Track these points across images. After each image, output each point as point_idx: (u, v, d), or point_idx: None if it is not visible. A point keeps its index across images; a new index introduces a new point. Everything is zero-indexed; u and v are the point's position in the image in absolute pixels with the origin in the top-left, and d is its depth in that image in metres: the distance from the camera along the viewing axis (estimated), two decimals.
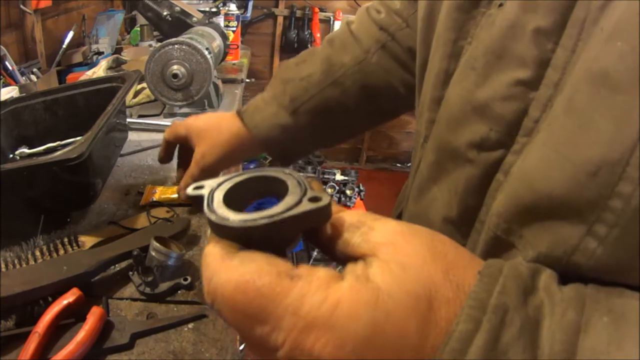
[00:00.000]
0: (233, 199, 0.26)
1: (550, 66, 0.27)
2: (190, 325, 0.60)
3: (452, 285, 0.21)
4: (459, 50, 0.34)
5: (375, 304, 0.20)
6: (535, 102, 0.28)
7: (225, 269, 0.22)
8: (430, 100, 0.38)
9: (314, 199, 0.24)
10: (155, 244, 0.63)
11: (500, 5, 0.30)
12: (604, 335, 0.19)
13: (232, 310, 0.22)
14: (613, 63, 0.22)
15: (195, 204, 0.27)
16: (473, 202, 0.33)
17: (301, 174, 0.26)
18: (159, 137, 1.15)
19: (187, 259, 0.71)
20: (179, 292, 0.66)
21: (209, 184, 0.27)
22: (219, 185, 0.27)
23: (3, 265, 0.62)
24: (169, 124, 1.18)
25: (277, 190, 0.27)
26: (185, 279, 0.65)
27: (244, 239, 0.24)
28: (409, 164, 3.12)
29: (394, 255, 0.22)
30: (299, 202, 0.24)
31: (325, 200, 0.23)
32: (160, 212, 0.81)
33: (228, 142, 0.61)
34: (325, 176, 2.95)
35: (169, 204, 0.84)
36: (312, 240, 0.26)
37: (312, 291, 0.21)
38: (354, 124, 0.59)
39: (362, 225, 0.24)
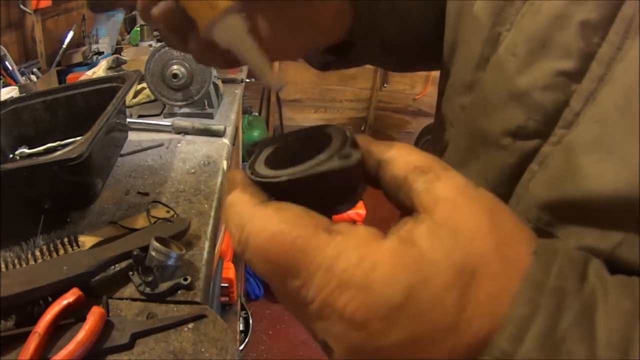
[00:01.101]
0: (282, 156, 0.26)
1: (595, 60, 0.27)
2: (190, 325, 0.60)
3: (503, 259, 0.20)
4: (496, 36, 0.34)
5: (415, 270, 0.19)
6: (577, 95, 0.28)
7: (260, 217, 0.21)
8: (461, 84, 0.37)
9: (344, 156, 0.22)
10: (155, 244, 0.63)
11: None
12: None
13: (263, 261, 0.21)
14: None
15: (249, 156, 0.28)
16: (503, 190, 0.32)
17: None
18: (159, 137, 1.15)
19: (187, 259, 0.71)
20: (179, 292, 0.66)
21: (262, 142, 0.27)
22: (271, 143, 0.27)
23: (3, 265, 0.62)
24: (169, 124, 1.18)
25: (325, 146, 0.27)
26: (185, 279, 0.65)
27: (274, 194, 0.23)
28: None
29: (450, 217, 0.20)
30: (329, 158, 0.22)
31: (352, 159, 0.22)
32: (160, 212, 0.81)
33: None
34: None
35: None
36: (373, 183, 0.25)
37: (349, 249, 0.20)
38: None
39: (429, 171, 0.22)
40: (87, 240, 0.70)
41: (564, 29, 0.28)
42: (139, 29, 1.87)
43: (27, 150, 0.97)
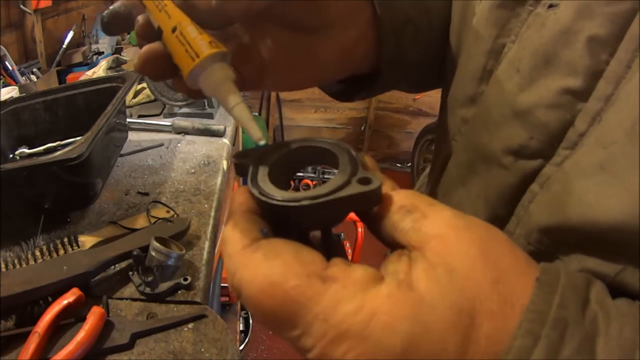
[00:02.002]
0: (280, 169, 0.25)
1: (602, 78, 0.26)
2: (190, 325, 0.60)
3: (500, 297, 0.20)
4: (500, 48, 0.32)
5: (415, 318, 0.19)
6: (582, 114, 0.27)
7: (248, 265, 0.21)
8: (463, 97, 0.36)
9: (364, 181, 0.22)
10: (155, 244, 0.63)
11: (550, 6, 0.29)
12: None
13: (258, 312, 0.21)
14: None
15: (239, 172, 0.26)
16: (503, 210, 0.32)
17: (301, 173, 0.25)
18: (159, 137, 1.15)
19: (187, 259, 0.71)
20: (179, 292, 0.66)
21: (254, 152, 0.26)
22: (266, 155, 0.26)
23: (3, 265, 0.62)
24: (169, 124, 1.18)
25: (327, 163, 0.26)
26: (185, 279, 0.65)
27: (284, 217, 0.23)
28: (409, 164, 3.13)
29: (442, 255, 0.20)
30: (348, 182, 0.22)
31: (375, 184, 0.22)
32: (160, 212, 0.81)
33: None
34: (326, 176, 2.95)
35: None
36: (359, 214, 0.25)
37: (346, 297, 0.19)
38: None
39: (415, 210, 0.22)
40: (87, 240, 0.70)
41: (570, 44, 0.27)
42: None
43: (27, 150, 0.97)
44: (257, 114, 3.20)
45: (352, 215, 0.26)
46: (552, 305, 0.19)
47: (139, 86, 1.36)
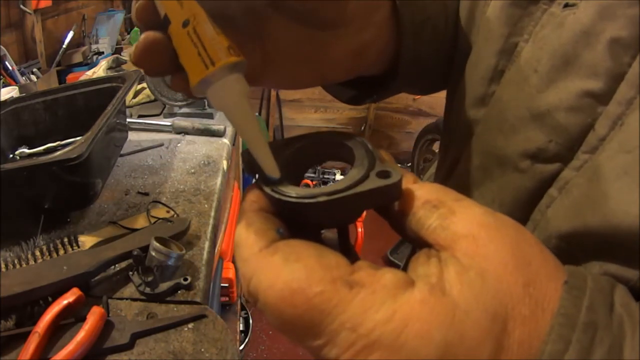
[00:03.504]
0: (293, 166, 0.24)
1: (624, 81, 0.25)
2: (190, 325, 0.60)
3: (531, 301, 0.19)
4: (512, 47, 0.32)
5: (451, 325, 0.18)
6: (603, 118, 0.26)
7: (267, 269, 0.19)
8: (473, 97, 0.35)
9: (382, 174, 0.21)
10: (155, 244, 0.63)
11: (567, 5, 0.28)
12: None
13: (277, 320, 0.19)
14: None
15: (249, 169, 0.24)
16: (519, 215, 0.31)
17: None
18: (159, 137, 1.15)
19: (187, 259, 0.71)
20: (179, 292, 0.66)
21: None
22: (278, 151, 0.24)
23: (3, 265, 0.62)
24: (169, 124, 1.18)
25: (342, 157, 0.24)
26: (185, 279, 0.65)
27: (299, 215, 0.21)
28: (409, 164, 3.12)
29: (474, 256, 0.19)
30: (366, 176, 0.21)
31: (395, 177, 0.20)
32: (160, 212, 0.81)
33: None
34: (325, 176, 2.95)
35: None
36: (379, 211, 0.23)
37: (376, 305, 0.18)
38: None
39: (441, 206, 0.21)
40: (87, 240, 0.70)
41: (591, 46, 0.26)
42: (139, 29, 1.87)
43: (27, 150, 0.97)
44: (257, 113, 3.20)
45: None
46: (581, 309, 0.19)
47: (139, 86, 1.36)
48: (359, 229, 2.07)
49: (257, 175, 0.23)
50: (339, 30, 0.30)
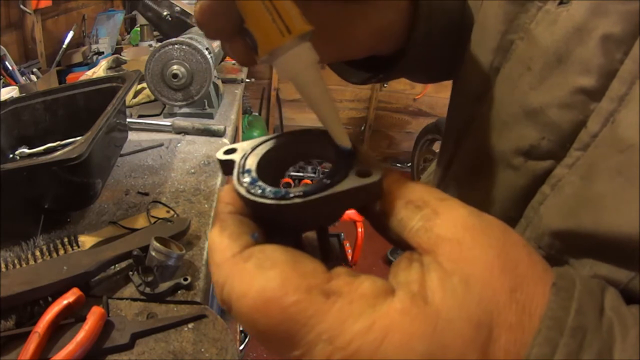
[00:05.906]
0: (270, 164, 0.23)
1: (616, 77, 0.25)
2: (190, 325, 0.60)
3: (518, 306, 0.18)
4: (508, 45, 0.32)
5: (432, 335, 0.17)
6: (595, 115, 0.26)
7: (239, 277, 0.18)
8: (471, 94, 0.36)
9: (362, 173, 0.20)
10: (155, 244, 0.63)
11: (561, 2, 0.28)
12: None
13: (252, 330, 0.18)
14: None
15: (224, 170, 0.23)
16: (512, 212, 0.31)
17: (300, 173, 0.22)
18: (159, 137, 1.15)
19: (187, 259, 0.71)
20: (179, 292, 0.66)
21: (242, 147, 0.23)
22: (254, 149, 0.23)
23: (3, 265, 0.62)
24: (169, 124, 1.18)
25: (320, 155, 0.23)
26: (185, 279, 0.65)
27: (275, 218, 0.21)
28: (409, 164, 3.12)
29: (458, 261, 0.18)
30: (345, 175, 0.20)
31: (376, 176, 0.19)
32: (160, 212, 0.81)
33: None
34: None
35: None
36: (361, 211, 0.23)
37: (354, 315, 0.17)
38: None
39: (425, 206, 0.20)
40: (87, 240, 0.70)
41: (584, 43, 0.26)
42: (139, 29, 1.87)
43: (27, 150, 0.97)
44: (257, 113, 3.20)
45: (353, 215, 0.25)
46: (570, 312, 0.18)
47: (139, 86, 1.36)
48: (359, 229, 2.07)
49: (233, 176, 0.22)
50: (366, 6, 0.30)
